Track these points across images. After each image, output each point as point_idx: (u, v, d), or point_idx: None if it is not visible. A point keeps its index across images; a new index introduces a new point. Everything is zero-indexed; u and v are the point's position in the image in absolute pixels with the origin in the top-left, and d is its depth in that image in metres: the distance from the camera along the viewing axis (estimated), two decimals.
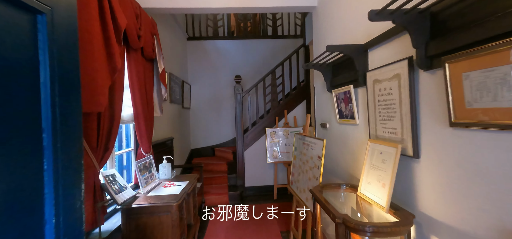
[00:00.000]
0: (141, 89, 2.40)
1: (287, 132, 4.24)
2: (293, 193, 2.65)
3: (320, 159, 2.03)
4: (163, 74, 2.77)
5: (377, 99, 1.63)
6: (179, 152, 4.33)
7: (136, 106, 2.35)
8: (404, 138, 1.41)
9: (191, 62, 5.27)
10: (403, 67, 1.36)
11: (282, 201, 4.03)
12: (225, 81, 5.32)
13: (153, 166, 2.49)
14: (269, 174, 4.39)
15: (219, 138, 5.41)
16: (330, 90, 2.41)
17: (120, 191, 1.92)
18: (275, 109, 4.38)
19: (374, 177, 1.56)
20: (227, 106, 5.36)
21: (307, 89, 4.42)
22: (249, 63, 5.36)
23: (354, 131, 2.03)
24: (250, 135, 4.35)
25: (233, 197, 4.05)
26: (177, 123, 4.26)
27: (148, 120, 2.53)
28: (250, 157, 4.35)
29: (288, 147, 4.21)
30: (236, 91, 4.24)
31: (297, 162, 2.64)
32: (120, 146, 2.64)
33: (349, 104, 2.03)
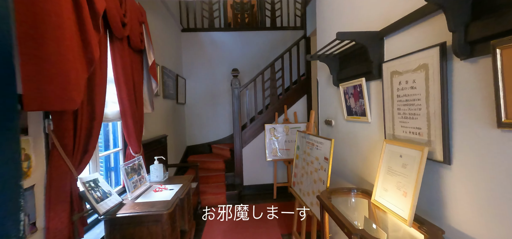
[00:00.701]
0: (128, 83, 2.16)
1: (287, 128, 4.03)
2: (296, 196, 2.44)
3: (327, 161, 1.81)
4: (154, 67, 2.52)
5: (395, 94, 1.42)
6: (174, 150, 4.10)
7: (122, 102, 2.11)
8: (432, 140, 1.19)
9: (186, 55, 5.00)
10: (432, 55, 1.14)
11: (282, 200, 3.84)
12: (221, 75, 5.07)
13: (142, 168, 2.26)
14: (268, 172, 4.19)
15: (217, 135, 5.19)
16: (336, 84, 2.19)
17: (104, 198, 1.69)
18: (275, 104, 4.16)
19: (393, 184, 1.35)
20: (224, 101, 5.12)
21: (308, 83, 4.19)
22: (247, 56, 5.11)
23: (366, 129, 1.81)
24: (248, 132, 4.13)
25: (231, 197, 3.85)
26: (171, 120, 4.02)
27: (136, 117, 2.29)
28: (249, 154, 4.14)
29: (288, 144, 4.00)
30: (233, 86, 4.00)
31: (300, 162, 2.43)
32: (107, 146, 2.40)
33: (360, 99, 1.81)
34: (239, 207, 3.49)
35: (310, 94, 4.18)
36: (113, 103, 2.13)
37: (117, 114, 2.17)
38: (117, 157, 2.46)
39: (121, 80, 2.06)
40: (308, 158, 2.22)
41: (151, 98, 2.63)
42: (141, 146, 2.44)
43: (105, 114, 1.98)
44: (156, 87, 2.61)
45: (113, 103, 2.12)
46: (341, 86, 2.05)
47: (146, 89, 2.61)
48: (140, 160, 2.27)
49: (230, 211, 3.48)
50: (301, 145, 2.43)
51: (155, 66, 2.53)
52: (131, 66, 2.24)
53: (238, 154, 4.10)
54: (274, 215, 3.34)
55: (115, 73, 2.03)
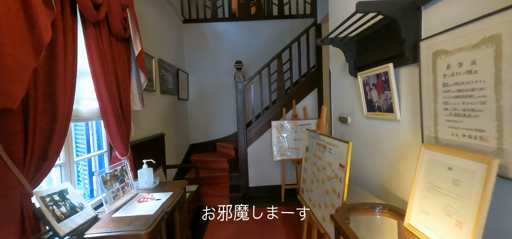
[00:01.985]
0: (109, 77, 1.85)
1: (296, 125, 3.65)
2: (304, 204, 2.08)
3: (343, 169, 1.44)
4: (141, 58, 2.20)
5: (440, 82, 1.02)
6: (174, 149, 3.82)
7: (101, 98, 1.81)
8: (505, 149, 0.80)
9: (188, 48, 4.69)
10: (508, 21, 0.74)
11: (291, 203, 3.48)
12: (226, 68, 4.73)
13: (127, 174, 1.96)
14: (275, 172, 3.84)
15: (221, 132, 4.87)
16: (354, 73, 1.79)
17: (71, 214, 1.40)
18: (282, 99, 3.78)
19: (438, 206, 0.97)
20: (229, 96, 4.78)
21: (319, 76, 3.78)
22: (252, 47, 4.73)
23: (393, 129, 1.41)
24: (253, 129, 3.78)
25: (235, 199, 3.53)
26: (171, 117, 3.73)
27: (121, 115, 1.99)
28: (254, 154, 3.80)
29: (297, 142, 3.63)
30: (237, 79, 3.65)
31: (309, 166, 2.05)
32: (96, 147, 2.12)
33: (385, 91, 1.42)
34: (241, 210, 3.17)
35: (321, 88, 3.77)
36: (90, 100, 1.83)
37: (97, 112, 1.88)
38: (102, 161, 2.18)
39: (98, 72, 1.75)
40: (319, 162, 1.85)
41: (140, 93, 2.32)
42: (128, 148, 2.14)
43: (77, 113, 1.69)
44: (144, 80, 2.30)
45: (90, 100, 1.83)
46: (360, 76, 1.65)
47: (134, 84, 2.30)
48: (125, 164, 1.97)
49: (231, 217, 3.17)
50: (311, 146, 2.06)
51: (143, 56, 2.22)
52: (112, 57, 1.93)
53: (243, 154, 3.76)
54: (282, 221, 3.00)
55: (90, 64, 1.73)
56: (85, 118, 1.78)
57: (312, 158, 2.00)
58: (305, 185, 2.11)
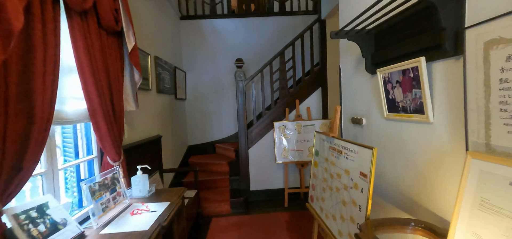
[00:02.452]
0: (98, 74, 1.65)
1: (299, 126, 3.47)
2: (315, 215, 1.90)
3: (366, 179, 1.25)
4: (135, 54, 2.00)
5: (496, 78, 0.84)
6: (171, 151, 3.61)
7: (89, 98, 1.60)
8: None
9: (186, 46, 4.48)
10: None
11: (295, 208, 3.30)
12: (225, 67, 4.53)
13: (120, 182, 1.76)
14: (278, 175, 3.65)
15: (221, 133, 4.67)
16: (371, 70, 1.61)
17: (51, 232, 1.20)
18: (285, 98, 3.59)
19: (497, 230, 0.79)
20: (229, 96, 4.59)
21: (323, 74, 3.60)
22: (253, 45, 4.54)
23: (423, 133, 1.24)
24: (255, 130, 3.59)
25: (236, 204, 3.34)
26: (168, 118, 3.53)
27: (112, 117, 1.79)
28: (256, 156, 3.61)
29: (300, 144, 3.45)
30: (238, 78, 3.46)
31: (320, 172, 1.87)
32: (78, 152, 1.91)
33: (414, 89, 1.24)
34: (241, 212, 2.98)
35: (325, 87, 3.59)
36: (77, 100, 1.63)
37: (85, 114, 1.67)
38: (92, 167, 1.97)
39: (85, 69, 1.55)
40: (332, 168, 1.66)
41: (134, 92, 2.12)
42: (121, 152, 1.94)
43: (61, 115, 1.48)
44: (139, 78, 2.09)
45: (76, 100, 1.62)
46: (380, 73, 1.47)
47: (128, 82, 2.10)
48: (116, 171, 1.77)
49: (231, 218, 2.97)
50: (322, 150, 1.87)
51: (137, 52, 2.01)
52: (102, 52, 1.73)
53: (244, 156, 3.57)
54: (286, 228, 2.81)
55: (76, 59, 1.52)
56: (71, 120, 1.57)
57: (323, 163, 1.82)
58: (315, 193, 1.93)
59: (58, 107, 1.45)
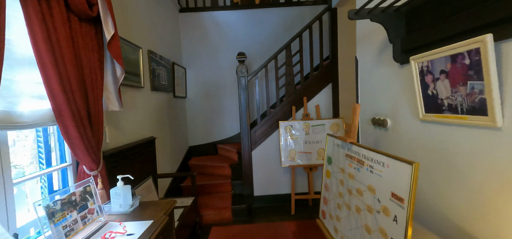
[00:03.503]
0: (64, 67, 1.35)
1: (307, 126, 3.13)
2: (327, 235, 1.56)
3: (402, 205, 0.91)
4: (115, 44, 1.70)
5: None
6: (169, 153, 3.33)
7: (53, 96, 1.31)
8: None
9: (186, 40, 4.18)
10: None
11: (303, 217, 2.97)
12: (227, 62, 4.21)
13: (94, 196, 1.47)
14: (284, 180, 3.32)
15: (223, 133, 4.37)
16: (401, 58, 1.26)
17: None
18: (291, 96, 3.25)
19: None
20: (231, 93, 4.28)
21: (333, 69, 3.24)
22: (256, 39, 4.20)
23: (486, 141, 0.88)
24: (259, 131, 3.26)
25: (239, 211, 3.03)
26: (165, 117, 3.24)
27: (85, 118, 1.50)
28: (260, 158, 3.29)
29: (309, 145, 3.10)
30: (240, 74, 3.14)
31: (334, 184, 1.53)
32: (50, 160, 1.63)
33: (470, 81, 0.88)
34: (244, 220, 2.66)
35: (336, 82, 3.23)
36: (38, 99, 1.34)
37: (48, 116, 1.38)
38: (66, 177, 1.68)
39: (46, 60, 1.26)
40: (350, 182, 1.32)
41: (117, 90, 1.83)
42: (100, 159, 1.66)
43: (13, 117, 1.19)
44: (121, 74, 1.79)
45: (37, 99, 1.33)
46: (414, 61, 1.12)
47: (109, 78, 1.81)
48: (90, 184, 1.48)
49: (233, 227, 2.65)
50: (336, 157, 1.53)
51: (118, 42, 1.71)
52: (73, 42, 1.43)
53: (247, 158, 3.26)
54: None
55: (35, 49, 1.23)
56: (28, 123, 1.28)
57: (338, 174, 1.48)
58: (328, 208, 1.59)
59: (7, 107, 1.16)
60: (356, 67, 1.82)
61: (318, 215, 2.76)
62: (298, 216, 3.00)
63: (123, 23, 2.29)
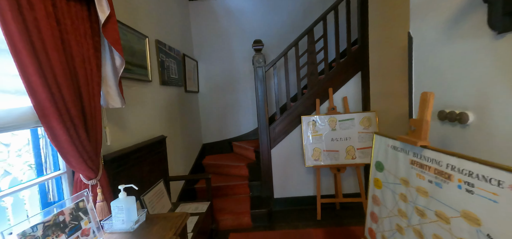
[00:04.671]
0: (44, 54, 1.07)
1: (333, 120, 2.75)
2: None
3: None
4: (113, 27, 1.40)
5: None
6: (182, 152, 3.06)
7: (33, 91, 1.03)
8: None
9: (197, 31, 3.88)
10: None
11: (330, 223, 2.62)
12: (242, 53, 3.88)
13: (90, 212, 1.20)
14: (307, 181, 2.98)
15: (238, 130, 4.07)
16: (503, 24, 0.86)
17: None
18: (315, 87, 2.87)
19: None
20: (246, 86, 3.95)
21: (363, 55, 2.82)
22: (272, 26, 3.83)
23: None
24: (278, 127, 2.92)
25: (258, 217, 2.72)
26: (176, 113, 2.97)
27: (78, 118, 1.21)
28: (280, 157, 2.95)
29: (336, 143, 2.73)
30: (256, 64, 2.79)
31: (390, 198, 1.17)
32: (42, 168, 1.37)
33: None
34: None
35: (366, 70, 2.81)
36: (15, 95, 1.07)
37: (29, 116, 1.11)
38: (60, 185, 1.42)
39: (20, 46, 0.97)
40: (421, 201, 0.96)
41: (117, 84, 1.54)
42: (99, 166, 1.38)
43: None
44: (121, 64, 1.50)
45: (12, 95, 1.06)
46: None
47: (109, 70, 1.52)
48: (85, 198, 1.20)
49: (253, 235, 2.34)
50: (392, 163, 1.17)
51: (116, 26, 1.42)
52: (56, 23, 1.14)
53: (266, 157, 2.93)
54: None
55: (4, 31, 0.95)
56: (3, 125, 1.01)
57: (397, 186, 1.12)
58: (380, 228, 1.24)
59: None
60: (409, 47, 1.43)
61: (348, 221, 2.40)
62: (325, 222, 2.65)
63: (126, 8, 2.00)
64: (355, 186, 2.93)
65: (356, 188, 2.93)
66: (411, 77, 1.43)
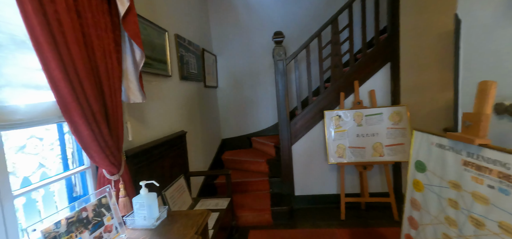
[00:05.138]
0: (65, 48, 1.05)
1: (359, 115, 2.58)
2: None
3: None
4: (133, 20, 1.36)
5: None
6: (201, 148, 3.05)
7: (56, 86, 1.01)
8: None
9: (215, 25, 3.83)
10: None
11: (355, 223, 2.47)
12: (260, 47, 3.78)
13: (112, 208, 1.18)
14: (330, 179, 2.84)
15: (257, 125, 3.99)
16: None
17: None
18: (339, 80, 2.71)
19: None
20: (266, 81, 3.85)
21: (393, 44, 2.60)
22: (292, 17, 3.68)
23: None
24: (299, 122, 2.80)
25: (279, 214, 2.64)
26: (195, 109, 2.95)
27: (99, 113, 1.19)
28: (301, 153, 2.84)
29: (362, 139, 2.56)
30: (277, 57, 2.68)
31: (433, 203, 1.03)
32: (67, 163, 1.39)
33: None
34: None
35: (397, 61, 2.59)
36: (36, 89, 1.06)
37: (52, 110, 1.10)
38: (84, 180, 1.43)
39: (41, 40, 0.95)
40: (478, 208, 0.82)
41: (138, 78, 1.51)
42: (121, 161, 1.37)
43: (4, 112, 0.91)
44: (141, 57, 1.46)
45: (34, 89, 1.05)
46: None
47: (130, 64, 1.50)
48: (106, 194, 1.18)
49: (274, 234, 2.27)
50: (436, 162, 1.03)
51: (136, 18, 1.38)
52: (76, 16, 1.12)
53: (286, 153, 2.83)
54: None
55: (26, 24, 0.93)
56: (26, 121, 1.00)
57: (444, 190, 0.97)
58: (420, 235, 1.10)
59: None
60: (456, 31, 1.25)
61: (375, 222, 2.21)
62: (350, 222, 2.51)
63: (146, 1, 1.97)
64: (382, 185, 2.75)
65: (383, 187, 2.75)
66: (458, 65, 1.25)
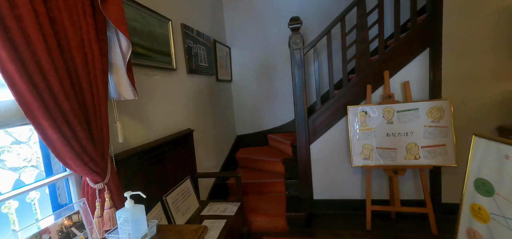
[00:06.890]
0: (21, 35, 0.85)
1: (390, 111, 2.18)
2: None
3: None
4: (115, 3, 1.15)
5: None
6: (214, 146, 2.85)
7: (11, 81, 0.83)
8: None
9: (229, 14, 3.57)
10: None
11: (383, 236, 2.11)
12: (277, 36, 3.45)
13: (87, 227, 0.99)
14: (353, 182, 2.49)
15: (274, 121, 3.70)
16: None
17: None
18: (365, 71, 2.32)
19: None
20: (282, 74, 3.53)
21: (433, 26, 2.14)
22: (311, 2, 3.30)
23: None
24: (319, 119, 2.47)
25: (295, 220, 2.37)
26: (206, 104, 2.73)
27: (72, 113, 1.00)
28: (320, 154, 2.51)
29: (392, 139, 2.17)
30: (293, 45, 2.36)
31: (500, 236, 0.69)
32: (51, 168, 1.23)
33: None
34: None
35: (438, 46, 2.14)
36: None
37: (15, 111, 0.92)
38: (68, 187, 1.27)
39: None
40: None
41: (126, 72, 1.30)
42: (106, 168, 1.18)
43: None
44: (127, 47, 1.25)
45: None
46: None
47: (119, 56, 1.29)
48: (79, 207, 0.99)
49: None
50: (509, 185, 0.67)
51: (119, 2, 1.16)
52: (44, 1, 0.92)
53: (304, 153, 2.52)
54: None
55: None
56: None
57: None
58: None
59: None
60: None
61: (408, 235, 1.86)
62: (377, 233, 2.15)
63: None
64: (417, 192, 2.34)
65: (418, 194, 2.33)
66: None
